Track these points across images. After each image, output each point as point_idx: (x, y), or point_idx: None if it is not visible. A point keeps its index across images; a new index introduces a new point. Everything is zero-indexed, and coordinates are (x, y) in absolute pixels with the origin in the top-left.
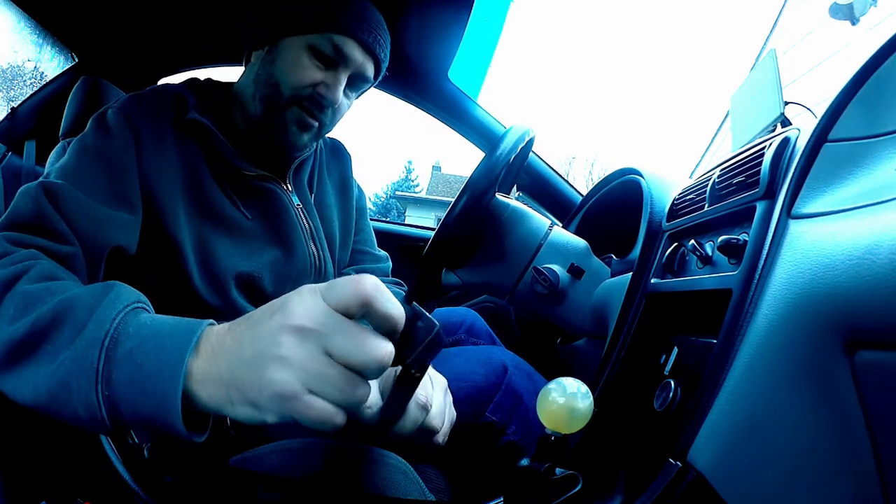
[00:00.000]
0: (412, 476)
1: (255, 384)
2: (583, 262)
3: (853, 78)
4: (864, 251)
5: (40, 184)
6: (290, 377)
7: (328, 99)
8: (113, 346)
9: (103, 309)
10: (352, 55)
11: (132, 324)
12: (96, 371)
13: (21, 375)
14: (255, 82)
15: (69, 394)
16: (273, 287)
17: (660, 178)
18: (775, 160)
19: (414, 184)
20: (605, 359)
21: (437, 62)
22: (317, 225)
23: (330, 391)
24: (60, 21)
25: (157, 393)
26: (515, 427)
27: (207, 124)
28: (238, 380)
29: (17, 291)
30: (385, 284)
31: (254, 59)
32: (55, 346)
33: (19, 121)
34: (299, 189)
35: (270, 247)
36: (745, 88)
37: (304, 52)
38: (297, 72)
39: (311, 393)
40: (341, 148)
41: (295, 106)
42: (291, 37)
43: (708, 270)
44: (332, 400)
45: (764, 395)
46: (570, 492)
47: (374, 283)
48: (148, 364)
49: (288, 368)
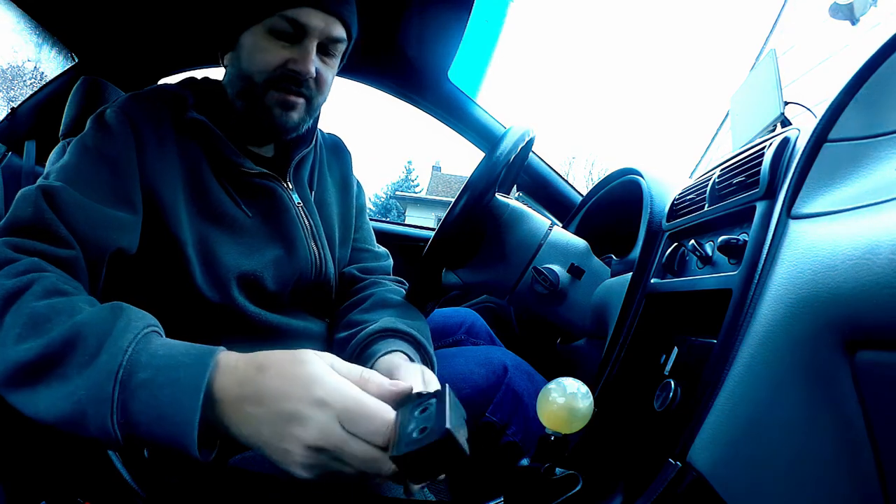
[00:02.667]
0: None
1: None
2: (583, 262)
3: (853, 78)
4: (864, 251)
5: (39, 187)
6: (310, 474)
7: (301, 73)
8: (127, 376)
9: (115, 339)
10: (311, 23)
11: (144, 353)
12: (111, 401)
13: (32, 395)
14: (230, 83)
15: (83, 419)
16: (274, 286)
17: (660, 178)
18: (775, 160)
19: (414, 184)
20: (605, 359)
21: (437, 62)
22: (317, 223)
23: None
24: (60, 21)
25: (173, 422)
26: (515, 427)
27: (207, 123)
28: (269, 427)
29: (23, 308)
30: (386, 282)
31: (226, 62)
32: (67, 371)
33: (19, 121)
34: (300, 187)
35: (271, 245)
36: (745, 88)
37: (265, 38)
38: (262, 57)
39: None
40: (341, 145)
41: (271, 90)
42: (250, 28)
43: (708, 270)
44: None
45: (764, 395)
46: (570, 492)
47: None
48: (163, 395)
49: (308, 470)
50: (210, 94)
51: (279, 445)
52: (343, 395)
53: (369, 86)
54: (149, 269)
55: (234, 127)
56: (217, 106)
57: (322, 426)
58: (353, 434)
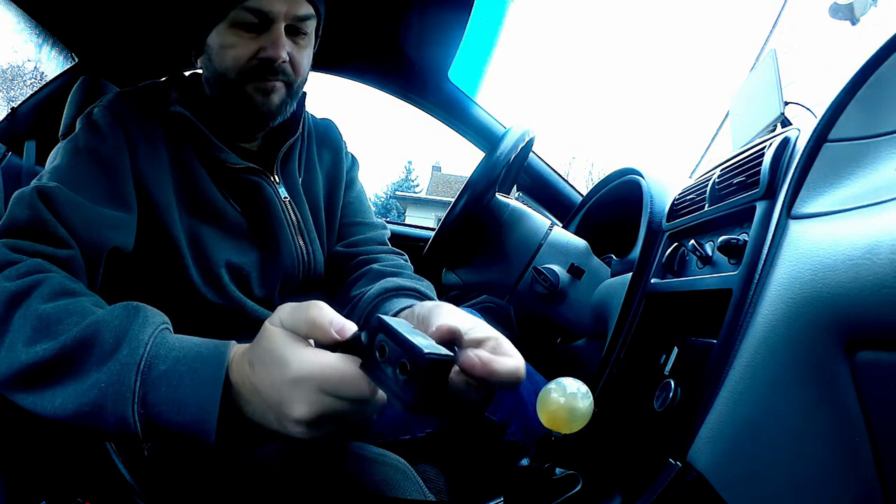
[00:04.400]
0: (412, 476)
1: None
2: (583, 262)
3: (853, 78)
4: (864, 251)
5: (35, 188)
6: (321, 433)
7: (273, 58)
8: (148, 368)
9: (135, 333)
10: (274, 9)
11: (163, 346)
12: (133, 393)
13: (45, 395)
14: (208, 84)
15: (101, 412)
16: (260, 289)
17: (660, 178)
18: (775, 160)
19: (414, 184)
20: (605, 359)
21: (437, 62)
22: (306, 217)
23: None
24: (60, 21)
25: (194, 410)
26: (515, 427)
27: (189, 116)
28: (269, 412)
29: (31, 311)
30: (386, 253)
31: (200, 65)
32: (83, 368)
33: (19, 121)
34: (288, 179)
35: (256, 246)
36: (745, 88)
37: (230, 33)
38: (232, 53)
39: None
40: (333, 129)
41: (248, 82)
42: (215, 27)
43: (708, 270)
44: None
45: (764, 395)
46: (570, 492)
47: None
48: (183, 384)
49: (317, 432)
50: (195, 89)
51: (284, 426)
52: (311, 365)
53: (369, 86)
54: (145, 266)
55: (219, 122)
56: (202, 101)
57: (308, 400)
58: (337, 396)
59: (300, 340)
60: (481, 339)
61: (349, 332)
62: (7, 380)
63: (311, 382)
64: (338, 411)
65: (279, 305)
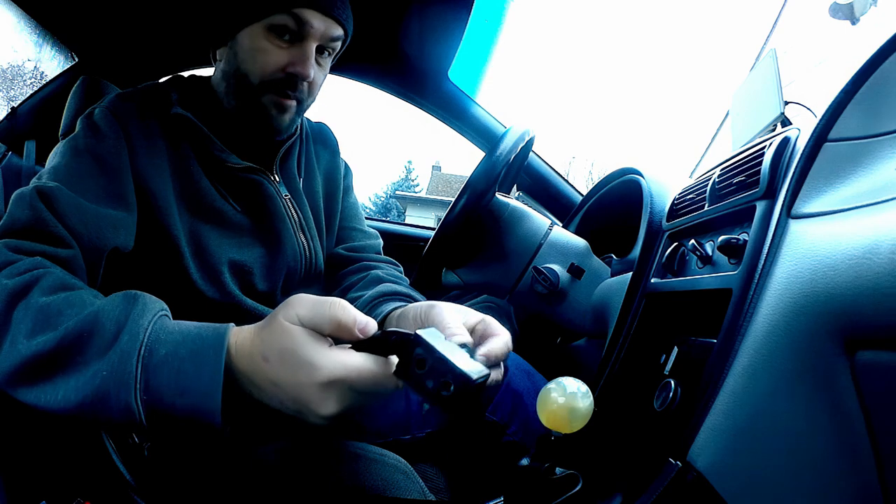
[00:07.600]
0: (412, 476)
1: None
2: (583, 262)
3: (853, 78)
4: (864, 251)
5: (35, 188)
6: (338, 424)
7: (301, 75)
8: (148, 354)
9: (134, 320)
10: (314, 24)
11: (163, 331)
12: (135, 379)
13: (48, 388)
14: (222, 79)
15: (105, 402)
16: (263, 284)
17: (660, 177)
18: (775, 160)
19: (414, 184)
20: (605, 359)
21: (437, 62)
22: (307, 215)
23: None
24: (60, 21)
25: (197, 393)
26: (515, 427)
27: (191, 118)
28: (289, 403)
29: (31, 304)
30: (380, 262)
31: (219, 56)
32: (85, 358)
33: (19, 121)
34: (287, 178)
35: (259, 242)
36: (745, 88)
37: (264, 37)
38: (262, 59)
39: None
40: (327, 132)
41: (268, 92)
42: (249, 25)
43: (708, 270)
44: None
45: (764, 395)
46: (570, 492)
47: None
48: (185, 367)
49: (336, 422)
50: (195, 91)
51: (306, 417)
52: (343, 369)
53: (369, 86)
54: (145, 266)
55: (221, 124)
56: (202, 102)
57: (338, 399)
58: (365, 393)
59: (323, 341)
60: (473, 325)
61: (371, 331)
62: (10, 375)
63: (343, 384)
64: (364, 404)
65: (282, 300)
